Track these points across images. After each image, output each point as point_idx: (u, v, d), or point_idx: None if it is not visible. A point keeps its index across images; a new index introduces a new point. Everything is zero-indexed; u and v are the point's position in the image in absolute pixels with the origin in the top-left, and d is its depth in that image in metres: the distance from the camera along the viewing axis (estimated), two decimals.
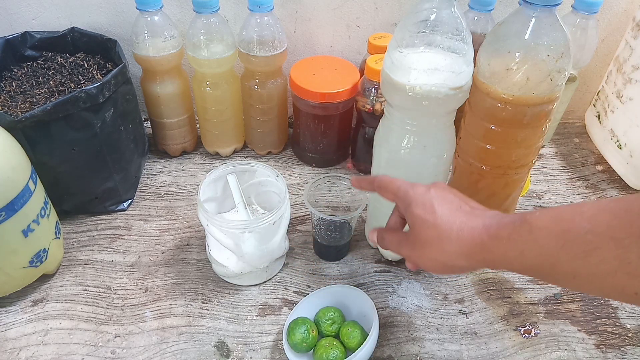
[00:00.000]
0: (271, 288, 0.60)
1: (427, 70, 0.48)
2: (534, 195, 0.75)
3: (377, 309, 0.53)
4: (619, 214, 0.31)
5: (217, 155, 0.81)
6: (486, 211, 0.40)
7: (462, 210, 0.40)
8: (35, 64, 0.69)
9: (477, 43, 0.49)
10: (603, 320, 0.57)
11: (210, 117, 0.75)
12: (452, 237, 0.39)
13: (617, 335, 0.56)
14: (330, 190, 0.66)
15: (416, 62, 0.48)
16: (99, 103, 0.59)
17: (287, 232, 0.61)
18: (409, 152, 0.53)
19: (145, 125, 0.78)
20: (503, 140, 0.52)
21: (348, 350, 0.52)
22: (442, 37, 0.47)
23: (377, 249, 0.64)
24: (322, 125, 0.74)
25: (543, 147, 0.84)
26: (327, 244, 0.61)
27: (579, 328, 0.56)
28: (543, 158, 0.82)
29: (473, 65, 0.50)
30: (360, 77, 0.71)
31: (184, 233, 0.67)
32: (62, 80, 0.65)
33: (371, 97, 0.69)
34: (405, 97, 0.49)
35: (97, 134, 0.61)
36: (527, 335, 0.55)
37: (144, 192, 0.73)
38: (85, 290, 0.59)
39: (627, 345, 0.55)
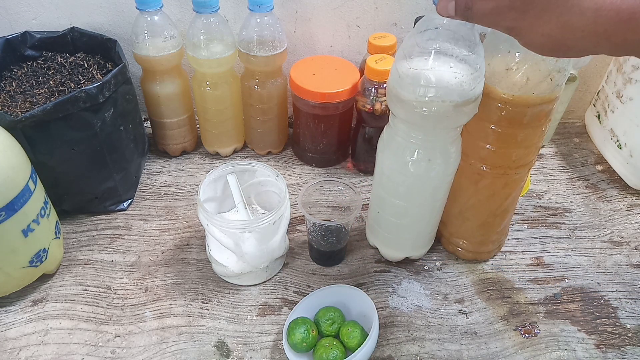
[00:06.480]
0: (271, 288, 0.60)
1: (436, 85, 0.45)
2: (534, 195, 0.75)
3: (377, 309, 0.53)
4: None
5: (217, 155, 0.81)
6: None
7: None
8: (35, 63, 0.69)
9: None
10: (603, 320, 0.57)
11: (210, 117, 0.75)
12: (586, 7, 0.29)
13: (617, 335, 0.56)
14: (326, 194, 0.66)
15: (424, 76, 0.45)
16: (99, 103, 0.59)
17: (287, 232, 0.61)
18: (413, 164, 0.52)
19: (145, 125, 0.78)
20: (503, 140, 0.52)
21: (348, 350, 0.52)
22: (451, 50, 0.44)
23: (377, 248, 0.64)
24: (322, 125, 0.74)
25: (543, 147, 0.84)
26: (323, 249, 0.61)
27: (579, 328, 0.56)
28: (543, 158, 0.82)
29: (484, 80, 0.47)
30: (360, 77, 0.71)
31: (184, 233, 0.67)
32: (62, 80, 0.65)
33: (371, 97, 0.69)
34: (412, 112, 0.47)
35: (97, 133, 0.61)
36: (527, 335, 0.55)
37: (144, 192, 0.73)
38: (85, 290, 0.59)
39: (627, 345, 0.55)
